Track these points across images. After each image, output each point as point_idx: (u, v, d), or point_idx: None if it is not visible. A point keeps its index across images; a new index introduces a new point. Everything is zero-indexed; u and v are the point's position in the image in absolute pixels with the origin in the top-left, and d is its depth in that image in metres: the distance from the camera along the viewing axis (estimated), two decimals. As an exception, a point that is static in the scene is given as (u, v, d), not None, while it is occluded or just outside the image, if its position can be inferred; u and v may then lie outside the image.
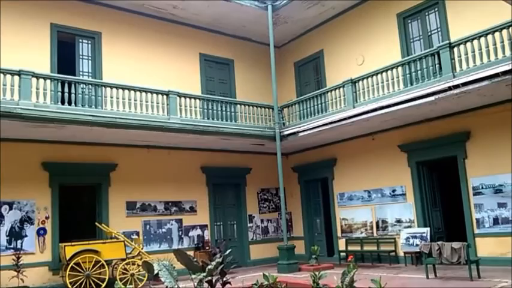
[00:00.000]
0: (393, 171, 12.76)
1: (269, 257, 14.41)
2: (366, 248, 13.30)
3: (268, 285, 7.67)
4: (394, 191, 12.77)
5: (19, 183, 10.93)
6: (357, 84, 12.15)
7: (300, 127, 13.24)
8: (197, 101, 12.80)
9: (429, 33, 12.09)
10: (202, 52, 14.65)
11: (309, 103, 13.48)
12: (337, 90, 12.70)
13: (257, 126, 13.68)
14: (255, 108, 13.96)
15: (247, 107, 13.82)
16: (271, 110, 14.11)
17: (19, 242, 10.80)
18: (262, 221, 15.35)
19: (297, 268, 12.26)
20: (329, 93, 12.98)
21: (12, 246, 10.67)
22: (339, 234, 14.18)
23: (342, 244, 14.00)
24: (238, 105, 13.74)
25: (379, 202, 13.13)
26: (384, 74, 11.52)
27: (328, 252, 14.66)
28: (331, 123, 12.29)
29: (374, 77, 11.76)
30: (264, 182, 15.53)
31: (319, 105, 13.13)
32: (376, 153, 13.20)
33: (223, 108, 13.21)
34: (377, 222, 13.18)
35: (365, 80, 11.96)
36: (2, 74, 9.67)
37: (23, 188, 10.98)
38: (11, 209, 10.82)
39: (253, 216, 15.17)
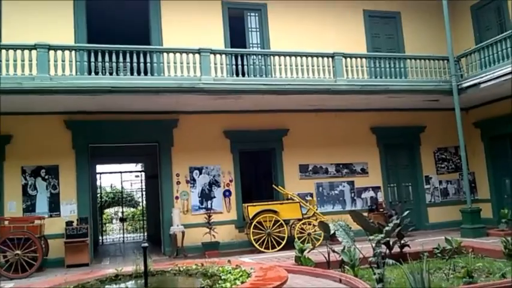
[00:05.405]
0: None
1: (450, 221, 13.48)
2: None
3: (451, 249, 7.25)
4: None
5: (206, 151, 12.26)
6: (555, 20, 10.28)
7: (481, 78, 11.82)
8: (363, 60, 12.44)
9: None
10: (366, 8, 14.02)
11: (491, 50, 11.89)
12: (528, 31, 10.94)
13: (430, 80, 12.71)
14: (427, 61, 12.95)
15: (418, 61, 12.90)
16: (445, 61, 12.91)
17: (209, 202, 12.19)
18: (440, 182, 14.39)
19: (484, 233, 11.25)
20: (518, 35, 11.25)
21: (203, 206, 12.11)
22: (535, 196, 12.49)
23: (538, 207, 12.31)
24: (408, 60, 12.90)
25: None
26: None
27: (521, 216, 13.07)
28: (521, 70, 10.70)
29: None
30: (441, 141, 14.47)
31: (505, 51, 11.48)
32: None
33: (392, 65, 12.57)
34: None
35: None
36: (184, 54, 10.83)
37: (210, 154, 12.29)
38: (200, 173, 12.24)
39: (430, 178, 14.32)
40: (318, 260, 6.77)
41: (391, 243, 7.02)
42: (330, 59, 11.98)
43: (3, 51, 9.75)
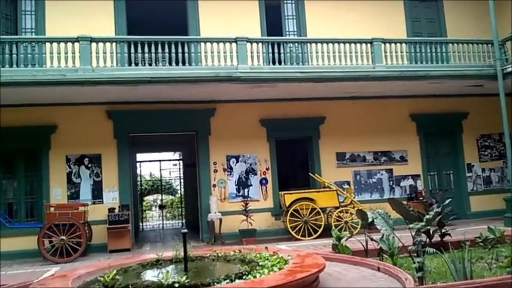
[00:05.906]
0: None
1: (492, 210, 13.01)
2: None
3: (494, 239, 7.04)
4: None
5: (243, 139, 12.35)
6: None
7: (528, 62, 11.32)
8: (403, 45, 12.13)
9: None
10: (406, -8, 13.67)
11: (540, 32, 11.35)
12: None
13: (473, 65, 12.25)
14: (470, 45, 12.48)
15: (460, 45, 12.45)
16: (490, 45, 12.39)
17: (246, 190, 12.30)
18: (483, 170, 13.94)
19: (529, 222, 10.84)
20: None
21: (240, 194, 12.24)
22: None
23: None
24: (450, 44, 12.48)
25: None
26: None
27: None
28: None
29: None
30: (484, 128, 13.98)
31: (555, 33, 10.93)
32: None
33: (433, 50, 12.20)
34: None
35: None
36: (221, 43, 10.88)
37: (246, 142, 12.37)
38: (237, 161, 12.35)
39: (473, 165, 13.89)
40: (355, 248, 6.72)
41: (431, 232, 6.89)
42: (369, 44, 11.75)
43: (48, 44, 10.13)
